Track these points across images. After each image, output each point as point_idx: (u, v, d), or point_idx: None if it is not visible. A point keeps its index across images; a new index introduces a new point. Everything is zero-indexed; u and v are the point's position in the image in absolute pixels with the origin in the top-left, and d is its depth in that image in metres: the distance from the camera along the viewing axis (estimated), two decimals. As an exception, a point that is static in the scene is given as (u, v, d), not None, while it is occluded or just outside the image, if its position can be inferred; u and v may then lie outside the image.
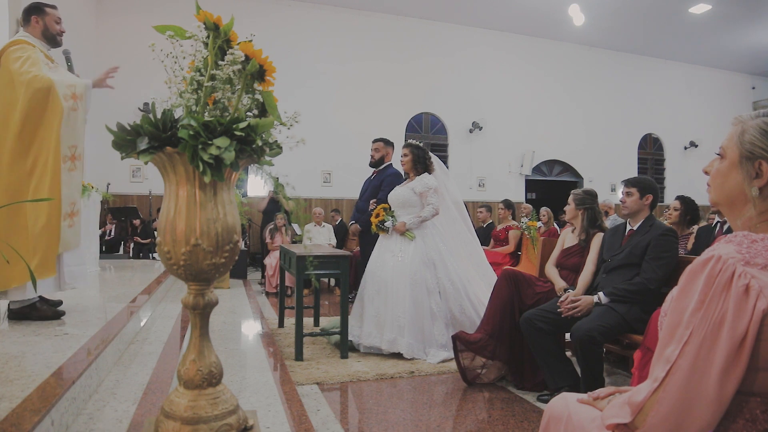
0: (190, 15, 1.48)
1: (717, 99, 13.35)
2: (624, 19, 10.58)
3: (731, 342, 0.88)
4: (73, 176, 2.75)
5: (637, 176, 3.52)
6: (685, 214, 4.31)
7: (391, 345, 3.56)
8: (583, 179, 12.00)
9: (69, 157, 2.72)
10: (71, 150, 2.73)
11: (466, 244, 4.11)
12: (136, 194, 8.97)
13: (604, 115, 12.18)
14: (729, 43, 11.77)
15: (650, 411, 0.94)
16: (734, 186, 1.03)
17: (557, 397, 1.28)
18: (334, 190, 10.07)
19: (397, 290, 3.66)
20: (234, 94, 1.48)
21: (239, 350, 3.29)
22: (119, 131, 1.39)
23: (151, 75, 2.72)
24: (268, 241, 7.06)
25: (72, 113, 2.73)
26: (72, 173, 2.74)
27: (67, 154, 2.71)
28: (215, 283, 1.77)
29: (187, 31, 1.47)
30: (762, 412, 0.92)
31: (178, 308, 4.12)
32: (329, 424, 2.41)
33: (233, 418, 1.51)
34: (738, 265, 0.91)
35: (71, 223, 2.75)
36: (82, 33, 7.82)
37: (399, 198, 3.95)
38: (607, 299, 2.75)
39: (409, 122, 10.82)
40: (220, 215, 1.48)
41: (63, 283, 2.83)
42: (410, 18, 10.59)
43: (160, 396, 2.11)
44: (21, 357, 2.08)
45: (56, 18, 2.90)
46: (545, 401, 2.77)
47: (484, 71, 11.17)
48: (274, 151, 1.51)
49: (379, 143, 4.81)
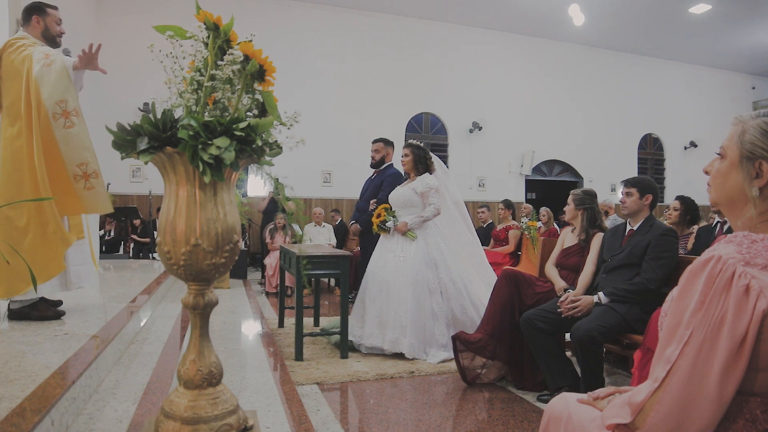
0: (190, 15, 1.48)
1: (717, 99, 13.35)
2: (624, 19, 10.58)
3: (731, 342, 0.88)
4: (70, 133, 2.58)
5: (636, 176, 3.52)
6: (685, 214, 4.31)
7: (394, 345, 3.56)
8: (583, 179, 12.00)
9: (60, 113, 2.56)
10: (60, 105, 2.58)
11: (466, 244, 4.12)
12: (136, 194, 8.97)
13: (604, 115, 12.18)
14: (729, 43, 11.77)
15: (650, 411, 0.94)
16: (734, 186, 1.03)
17: (557, 397, 1.28)
18: (334, 190, 10.06)
19: (398, 290, 3.66)
20: (234, 94, 1.48)
21: (239, 350, 3.29)
22: (119, 131, 1.39)
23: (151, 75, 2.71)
24: (268, 241, 7.06)
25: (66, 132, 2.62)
26: (69, 130, 2.58)
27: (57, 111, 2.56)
28: (215, 283, 1.77)
29: (187, 31, 1.47)
30: (762, 412, 0.92)
31: (178, 308, 4.12)
32: (329, 424, 2.41)
33: (233, 418, 1.51)
34: (738, 266, 0.91)
35: (88, 185, 2.59)
36: (82, 33, 7.81)
37: (400, 198, 3.95)
38: (607, 299, 2.75)
39: (409, 122, 10.82)
40: (220, 215, 1.48)
41: (69, 283, 2.83)
42: (410, 18, 10.59)
43: (160, 396, 2.11)
44: (21, 357, 2.08)
45: (57, 19, 2.89)
46: (545, 401, 2.77)
47: (484, 71, 11.17)
48: (274, 151, 1.51)
49: (379, 144, 4.81)
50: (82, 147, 2.63)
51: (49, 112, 2.56)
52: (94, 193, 2.63)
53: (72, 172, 2.58)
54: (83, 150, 2.63)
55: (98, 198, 2.66)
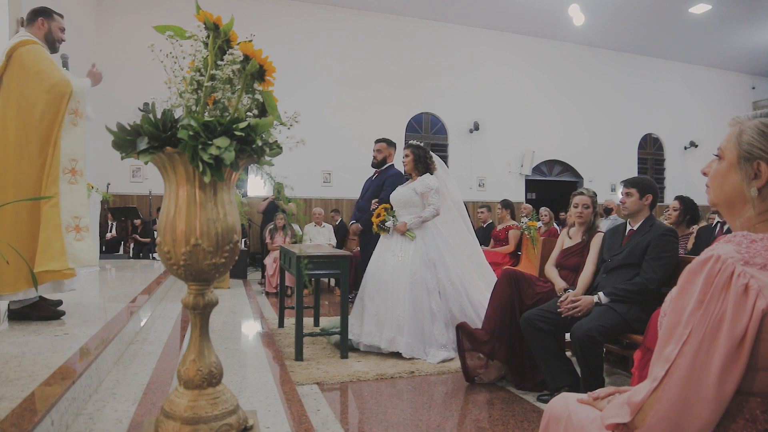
0: (190, 15, 1.48)
1: (717, 99, 13.35)
2: (624, 19, 10.58)
3: (730, 341, 0.88)
4: (73, 189, 2.75)
5: (636, 176, 3.52)
6: (685, 214, 4.31)
7: (390, 344, 3.56)
8: (583, 179, 12.00)
9: (69, 169, 2.74)
10: (71, 163, 2.75)
11: (466, 244, 4.12)
12: (136, 194, 8.97)
13: (604, 115, 12.19)
14: (729, 43, 11.77)
15: (649, 410, 0.94)
16: (733, 187, 1.03)
17: (557, 397, 1.28)
18: (334, 190, 10.07)
19: (397, 290, 3.67)
20: (234, 94, 1.48)
21: (239, 350, 3.29)
22: (119, 131, 1.39)
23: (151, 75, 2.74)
24: (268, 242, 7.06)
25: (71, 127, 2.76)
26: (72, 186, 2.75)
27: (67, 166, 2.73)
28: (215, 283, 1.77)
29: (186, 31, 1.47)
30: (762, 412, 0.92)
31: (178, 308, 4.12)
32: (329, 424, 2.41)
33: (233, 418, 1.51)
34: (737, 265, 0.91)
35: (79, 237, 2.72)
36: (82, 33, 7.82)
37: (401, 198, 3.95)
38: (607, 299, 2.75)
39: (409, 122, 10.82)
40: (220, 215, 1.48)
41: (62, 285, 2.84)
42: (410, 18, 10.59)
43: (160, 396, 2.11)
44: (21, 357, 2.08)
45: (61, 26, 2.97)
46: (545, 401, 2.77)
47: (484, 71, 11.17)
48: (274, 151, 1.51)
49: (381, 144, 4.81)
50: (80, 205, 2.80)
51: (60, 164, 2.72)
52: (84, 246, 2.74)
53: (65, 222, 2.69)
54: (81, 207, 2.79)
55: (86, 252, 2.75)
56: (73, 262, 2.66)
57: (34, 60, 2.71)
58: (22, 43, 2.73)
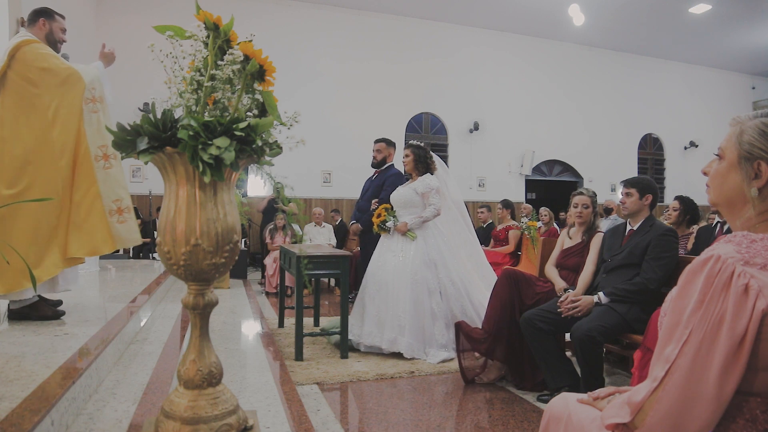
0: (190, 15, 1.48)
1: (717, 99, 13.35)
2: (624, 19, 10.58)
3: (730, 341, 0.88)
4: (109, 174, 2.84)
5: (636, 176, 3.52)
6: (685, 214, 4.31)
7: (391, 344, 3.56)
8: (583, 179, 12.00)
9: (101, 156, 2.82)
10: (102, 149, 2.82)
11: (466, 244, 4.12)
12: (136, 194, 8.95)
13: (604, 115, 12.18)
14: (729, 43, 11.77)
15: (649, 410, 0.94)
16: (733, 187, 1.03)
17: (557, 397, 1.28)
18: (334, 190, 10.06)
19: (397, 290, 3.67)
20: (234, 94, 1.48)
21: (239, 350, 3.29)
22: (119, 131, 1.39)
23: (151, 75, 2.74)
24: (268, 241, 7.06)
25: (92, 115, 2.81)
26: (108, 171, 2.83)
27: (98, 154, 2.81)
28: (215, 283, 1.77)
29: (186, 31, 1.47)
30: (762, 412, 0.92)
31: (178, 308, 4.12)
32: (329, 424, 2.41)
33: (233, 418, 1.51)
34: (737, 265, 0.91)
35: (121, 219, 2.83)
36: (82, 33, 7.82)
37: (401, 198, 3.95)
38: (607, 299, 2.75)
39: (409, 122, 10.82)
40: (220, 215, 1.48)
41: (57, 285, 2.84)
42: (410, 18, 10.59)
43: (160, 396, 2.11)
44: (21, 357, 2.08)
45: (62, 27, 2.98)
46: (545, 401, 2.77)
47: (484, 71, 11.17)
48: (274, 151, 1.51)
49: (381, 144, 4.81)
50: (119, 186, 2.89)
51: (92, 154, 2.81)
52: (127, 227, 2.86)
53: (107, 207, 2.81)
54: (120, 189, 2.89)
55: (130, 232, 2.88)
56: (119, 243, 2.82)
57: (38, 58, 2.71)
58: (25, 42, 2.73)
